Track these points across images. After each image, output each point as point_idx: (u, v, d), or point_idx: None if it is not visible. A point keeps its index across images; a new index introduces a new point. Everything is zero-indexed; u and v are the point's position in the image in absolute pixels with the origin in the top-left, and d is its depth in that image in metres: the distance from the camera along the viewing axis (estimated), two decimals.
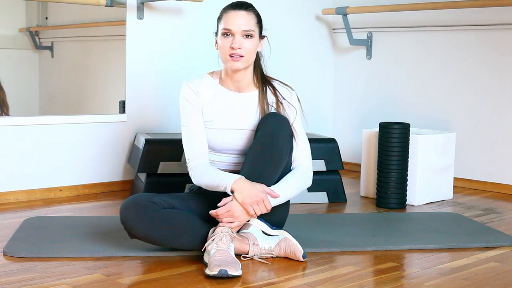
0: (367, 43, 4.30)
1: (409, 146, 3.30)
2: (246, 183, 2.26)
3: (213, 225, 2.31)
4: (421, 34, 4.07)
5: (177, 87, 2.62)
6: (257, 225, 2.37)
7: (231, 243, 2.22)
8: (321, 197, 3.38)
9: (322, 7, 4.37)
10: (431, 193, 3.43)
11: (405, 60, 4.16)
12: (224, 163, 2.50)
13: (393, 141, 3.24)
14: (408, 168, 3.31)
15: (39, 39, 3.70)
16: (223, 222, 2.26)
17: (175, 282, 2.09)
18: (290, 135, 2.41)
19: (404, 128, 3.26)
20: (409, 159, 3.31)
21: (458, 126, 3.89)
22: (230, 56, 2.39)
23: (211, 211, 2.28)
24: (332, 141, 3.42)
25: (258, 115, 2.48)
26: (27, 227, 2.69)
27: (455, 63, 3.92)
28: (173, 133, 3.56)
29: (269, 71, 2.58)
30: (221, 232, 2.23)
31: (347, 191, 3.59)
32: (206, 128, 2.47)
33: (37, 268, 2.19)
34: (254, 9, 2.46)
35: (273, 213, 2.35)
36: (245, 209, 2.25)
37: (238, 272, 2.11)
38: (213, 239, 2.21)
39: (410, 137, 3.31)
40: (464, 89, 3.88)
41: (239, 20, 2.40)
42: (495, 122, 3.76)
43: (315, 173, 2.85)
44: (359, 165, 4.19)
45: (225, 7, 2.46)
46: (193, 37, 3.81)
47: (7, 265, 2.22)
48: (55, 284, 2.04)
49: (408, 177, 3.31)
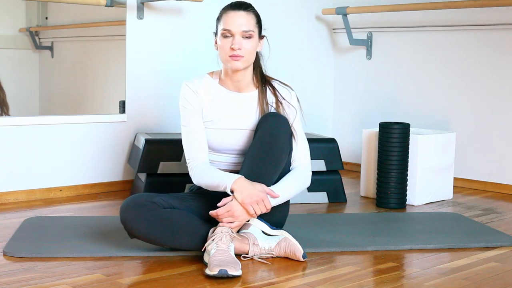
0: (367, 43, 4.30)
1: (409, 146, 3.30)
2: (246, 183, 2.26)
3: (213, 225, 2.31)
4: (421, 34, 4.07)
5: (177, 87, 2.62)
6: (257, 225, 2.37)
7: (231, 243, 2.22)
8: (321, 197, 3.38)
9: (322, 7, 4.37)
10: (431, 193, 3.43)
11: (405, 60, 4.16)
12: (224, 163, 2.50)
13: (393, 141, 3.24)
14: (408, 168, 3.31)
15: (39, 39, 3.70)
16: (223, 222, 2.26)
17: (175, 282, 2.09)
18: (290, 135, 2.41)
19: (404, 128, 3.26)
20: (409, 159, 3.31)
21: (458, 126, 3.89)
22: (230, 56, 2.39)
23: (211, 212, 2.28)
24: (332, 141, 3.42)
25: (258, 115, 2.47)
26: (27, 227, 2.69)
27: (455, 63, 3.92)
28: (173, 133, 3.56)
29: (268, 71, 2.58)
30: (221, 232, 2.23)
31: (347, 191, 3.59)
32: (206, 128, 2.47)
33: (37, 268, 2.19)
34: (254, 9, 2.46)
35: (273, 213, 2.35)
36: (245, 208, 2.25)
37: (238, 272, 2.11)
38: (213, 239, 2.21)
39: (410, 137, 3.31)
40: (464, 89, 3.88)
41: (238, 20, 2.39)
42: (495, 122, 3.76)
43: (315, 173, 2.85)
44: (359, 165, 4.19)
45: (224, 7, 2.46)
46: (193, 37, 3.81)
47: (7, 265, 2.22)
48: (55, 284, 2.04)
49: (408, 177, 3.31)
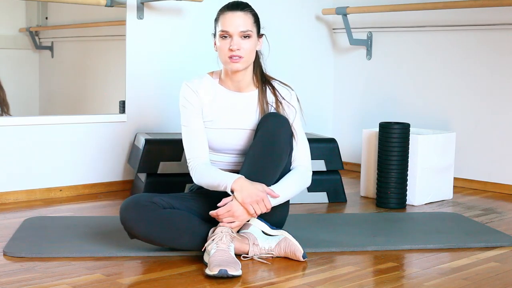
0: (367, 43, 4.30)
1: (409, 146, 3.30)
2: (246, 183, 2.26)
3: (213, 225, 2.31)
4: (421, 34, 4.07)
5: (177, 87, 2.62)
6: (257, 225, 2.37)
7: (231, 243, 2.22)
8: (321, 197, 3.38)
9: (322, 7, 4.37)
10: (431, 193, 3.43)
11: (405, 60, 4.16)
12: (224, 163, 2.50)
13: (393, 141, 3.24)
14: (408, 168, 3.31)
15: (39, 39, 3.70)
16: (223, 222, 2.26)
17: (175, 282, 2.09)
18: (290, 135, 2.41)
19: (404, 128, 3.26)
20: (409, 159, 3.31)
21: (458, 126, 3.89)
22: (229, 58, 2.39)
23: (211, 212, 2.27)
24: (332, 141, 3.42)
25: (258, 115, 2.47)
26: (27, 227, 2.69)
27: (455, 63, 3.92)
28: (173, 133, 3.56)
29: (268, 71, 2.57)
30: (221, 232, 2.23)
31: (347, 191, 3.59)
32: (206, 128, 2.47)
33: (37, 268, 2.19)
34: (251, 8, 2.45)
35: (273, 213, 2.35)
36: (245, 208, 2.25)
37: (238, 272, 2.11)
38: (213, 239, 2.21)
39: (410, 137, 3.31)
40: (464, 89, 3.88)
41: (236, 21, 2.39)
42: (495, 122, 3.75)
43: (315, 173, 2.85)
44: (359, 165, 4.19)
45: (221, 8, 2.45)
46: (193, 37, 3.81)
47: (7, 265, 2.22)
48: (55, 284, 2.04)
49: (408, 177, 3.31)
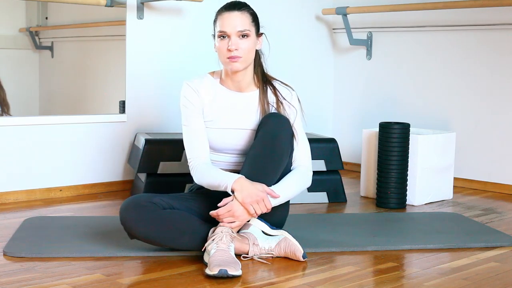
0: (367, 43, 4.30)
1: (409, 146, 3.30)
2: (247, 183, 2.26)
3: (213, 225, 2.31)
4: (421, 34, 4.07)
5: (177, 87, 2.62)
6: (257, 225, 2.37)
7: (231, 243, 2.22)
8: (321, 197, 3.38)
9: (322, 7, 4.37)
10: (431, 193, 3.43)
11: (405, 60, 4.16)
12: (224, 162, 2.50)
13: (393, 141, 3.24)
14: (408, 168, 3.31)
15: (39, 39, 3.70)
16: (223, 222, 2.26)
17: (175, 282, 2.09)
18: (291, 136, 2.41)
19: (404, 128, 3.26)
20: (409, 159, 3.31)
21: (458, 126, 3.88)
22: (228, 58, 2.39)
23: (212, 212, 2.27)
24: (332, 141, 3.42)
25: (259, 115, 2.47)
26: (27, 227, 2.69)
27: (455, 63, 3.92)
28: (173, 133, 3.56)
29: (269, 70, 2.57)
30: (221, 232, 2.23)
31: (347, 191, 3.59)
32: (206, 128, 2.46)
33: (37, 268, 2.19)
34: (248, 7, 2.44)
35: (273, 213, 2.35)
36: (245, 208, 2.25)
37: (238, 272, 2.11)
38: (213, 239, 2.21)
39: (410, 137, 3.31)
40: (464, 89, 3.88)
41: (233, 21, 2.39)
42: (495, 122, 3.75)
43: (315, 173, 2.85)
44: (359, 165, 4.19)
45: (219, 9, 2.45)
46: (193, 37, 3.81)
47: (7, 265, 2.22)
48: (55, 284, 2.04)
49: (408, 177, 3.31)
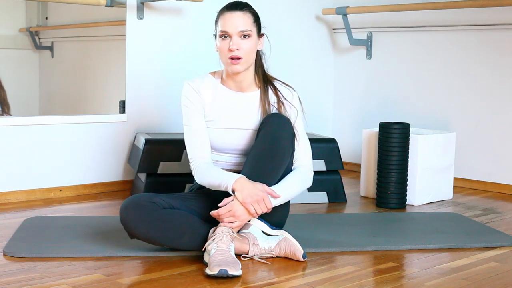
0: (367, 43, 4.30)
1: (409, 146, 3.30)
2: (247, 183, 2.26)
3: (213, 225, 2.31)
4: (421, 34, 4.07)
5: (177, 87, 2.62)
6: (257, 225, 2.37)
7: (231, 243, 2.22)
8: (321, 197, 3.38)
9: (322, 7, 4.37)
10: (431, 193, 3.43)
11: (405, 60, 4.16)
12: (225, 162, 2.50)
13: (393, 141, 3.24)
14: (408, 168, 3.31)
15: (39, 39, 3.70)
16: (224, 222, 2.26)
17: (175, 282, 2.09)
18: (292, 136, 2.40)
19: (404, 128, 3.26)
20: (409, 159, 3.31)
21: (458, 126, 3.88)
22: (230, 59, 2.38)
23: (212, 212, 2.27)
24: (332, 141, 3.42)
25: (260, 115, 2.47)
26: (27, 227, 2.69)
27: (455, 63, 3.92)
28: (173, 133, 3.56)
29: (269, 71, 2.57)
30: (222, 232, 2.23)
31: (347, 191, 3.59)
32: (207, 128, 2.46)
33: (37, 268, 2.19)
34: (250, 8, 2.44)
35: (273, 213, 2.35)
36: (246, 208, 2.25)
37: (238, 272, 2.11)
38: (214, 239, 2.21)
39: (410, 137, 3.31)
40: (464, 89, 3.88)
41: (234, 21, 2.38)
42: (495, 122, 3.76)
43: (315, 173, 2.84)
44: (359, 165, 4.19)
45: (220, 9, 2.45)
46: (193, 37, 3.81)
47: (7, 265, 2.22)
48: (55, 284, 2.04)
49: (408, 177, 3.31)
